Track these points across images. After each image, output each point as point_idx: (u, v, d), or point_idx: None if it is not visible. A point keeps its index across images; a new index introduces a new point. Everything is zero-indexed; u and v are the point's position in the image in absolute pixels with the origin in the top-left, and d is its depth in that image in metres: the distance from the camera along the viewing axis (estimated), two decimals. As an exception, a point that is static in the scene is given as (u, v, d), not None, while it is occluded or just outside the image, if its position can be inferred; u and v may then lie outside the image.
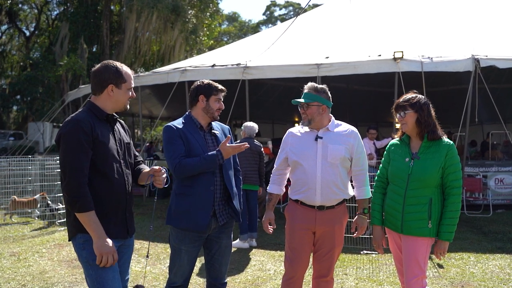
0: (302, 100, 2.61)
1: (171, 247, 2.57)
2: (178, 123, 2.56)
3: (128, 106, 2.20)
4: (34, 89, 18.49)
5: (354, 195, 2.71)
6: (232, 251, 5.08)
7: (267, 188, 2.80)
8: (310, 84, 2.67)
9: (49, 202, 6.49)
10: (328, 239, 2.59)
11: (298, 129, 2.72)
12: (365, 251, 4.78)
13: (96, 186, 1.99)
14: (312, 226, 2.58)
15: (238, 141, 5.48)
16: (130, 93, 2.17)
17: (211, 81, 2.63)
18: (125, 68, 2.15)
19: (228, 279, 4.00)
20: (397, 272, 2.68)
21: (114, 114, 2.21)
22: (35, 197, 6.48)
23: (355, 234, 2.65)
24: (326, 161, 2.54)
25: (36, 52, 22.23)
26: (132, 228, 2.20)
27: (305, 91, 2.63)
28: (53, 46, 19.07)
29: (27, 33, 22.87)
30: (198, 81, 2.65)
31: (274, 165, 2.79)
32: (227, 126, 2.77)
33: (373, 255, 4.69)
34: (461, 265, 4.32)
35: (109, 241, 1.97)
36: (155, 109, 12.81)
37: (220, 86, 2.61)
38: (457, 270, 4.14)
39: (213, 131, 2.60)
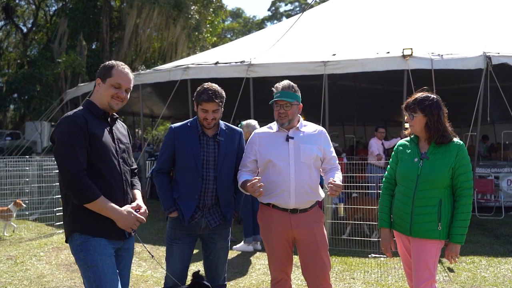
0: (289, 99, 2.51)
1: (166, 245, 2.63)
2: (184, 124, 2.59)
3: (114, 106, 2.07)
4: (32, 88, 18.34)
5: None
6: (236, 254, 4.99)
7: (240, 180, 2.54)
8: (287, 82, 2.57)
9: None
10: (311, 242, 2.50)
11: (264, 130, 2.66)
12: (373, 255, 4.73)
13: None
14: (289, 231, 2.50)
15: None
16: (114, 90, 2.04)
17: (209, 87, 2.50)
18: (121, 67, 2.07)
19: (231, 283, 3.94)
20: (406, 276, 2.62)
21: (115, 114, 2.14)
22: (9, 206, 5.79)
23: (329, 191, 2.35)
24: (299, 161, 2.49)
25: (34, 49, 22.01)
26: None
27: (284, 90, 2.53)
28: (51, 43, 18.87)
29: (25, 30, 22.68)
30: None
31: (240, 167, 2.63)
32: (239, 131, 2.67)
33: (381, 259, 4.65)
34: (472, 269, 4.26)
35: (124, 211, 2.01)
36: (157, 108, 12.66)
37: (208, 96, 2.44)
38: (468, 274, 4.08)
39: (218, 137, 2.54)
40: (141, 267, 4.41)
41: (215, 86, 2.54)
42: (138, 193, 2.25)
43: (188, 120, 2.64)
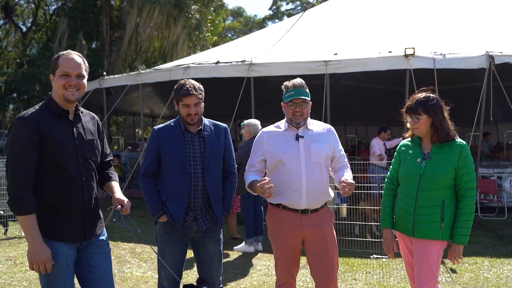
0: (306, 96, 2.45)
1: (158, 251, 2.58)
2: (167, 125, 2.57)
3: (70, 97, 1.98)
4: (31, 87, 18.21)
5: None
6: (237, 255, 4.96)
7: (248, 180, 2.51)
8: (299, 80, 2.50)
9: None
10: (321, 242, 2.45)
11: (272, 129, 2.58)
12: (375, 256, 4.71)
13: (45, 185, 1.94)
14: (299, 232, 2.44)
15: (243, 142, 5.31)
16: (63, 80, 1.96)
17: (185, 82, 2.47)
18: (66, 54, 2.00)
19: (232, 284, 3.92)
20: (408, 277, 2.61)
21: (79, 108, 2.08)
22: None
23: (342, 191, 2.35)
24: (310, 160, 2.44)
25: (33, 48, 21.88)
26: (92, 230, 2.06)
27: (298, 88, 2.45)
28: (51, 43, 18.77)
29: (24, 29, 22.53)
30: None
31: (247, 168, 2.57)
32: (224, 126, 2.61)
33: (383, 260, 4.63)
34: (475, 270, 4.24)
35: (43, 249, 1.90)
36: (157, 107, 12.62)
37: (187, 90, 2.42)
38: (471, 275, 4.06)
39: (202, 133, 2.49)
40: (142, 268, 4.39)
41: (192, 81, 2.50)
42: (115, 185, 2.19)
43: (171, 120, 2.60)
